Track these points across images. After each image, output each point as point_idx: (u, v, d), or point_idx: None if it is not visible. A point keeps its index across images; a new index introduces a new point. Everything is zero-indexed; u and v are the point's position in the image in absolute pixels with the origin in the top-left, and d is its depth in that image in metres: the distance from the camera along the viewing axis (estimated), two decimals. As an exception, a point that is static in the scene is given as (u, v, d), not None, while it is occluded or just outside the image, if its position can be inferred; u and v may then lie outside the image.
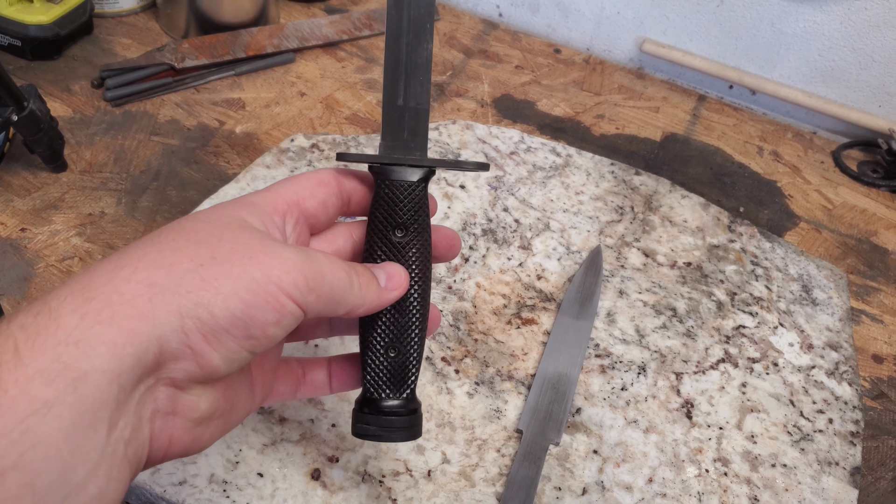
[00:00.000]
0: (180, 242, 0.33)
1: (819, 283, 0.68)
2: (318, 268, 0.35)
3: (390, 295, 0.40)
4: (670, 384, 0.58)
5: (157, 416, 0.33)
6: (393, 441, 0.41)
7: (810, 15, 0.85)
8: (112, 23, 0.88)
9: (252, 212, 0.37)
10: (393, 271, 0.40)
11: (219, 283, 0.32)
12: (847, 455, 0.55)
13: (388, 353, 0.41)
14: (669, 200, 0.74)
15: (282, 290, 0.33)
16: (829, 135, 0.91)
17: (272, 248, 0.34)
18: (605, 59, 0.97)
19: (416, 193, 0.42)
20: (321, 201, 0.41)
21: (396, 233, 0.41)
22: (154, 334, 0.30)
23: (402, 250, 0.41)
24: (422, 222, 0.42)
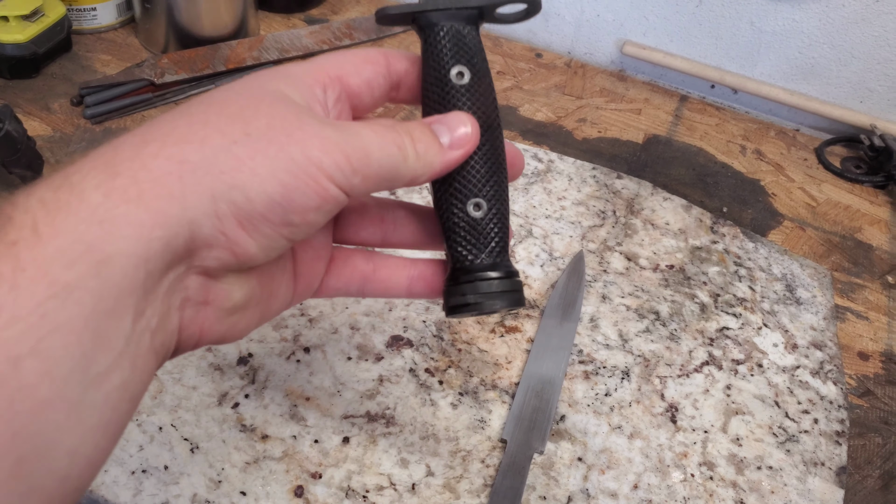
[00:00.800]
0: (211, 115, 0.30)
1: (803, 281, 0.68)
2: (362, 145, 0.32)
3: (457, 154, 0.36)
4: (654, 388, 0.58)
5: (187, 305, 0.31)
6: (495, 310, 0.37)
7: (789, 13, 0.85)
8: (91, 39, 0.88)
9: (291, 83, 0.34)
10: (457, 123, 0.36)
11: (254, 162, 0.29)
12: (833, 455, 0.55)
13: (471, 210, 0.37)
14: (651, 203, 0.74)
15: (323, 171, 0.30)
16: (811, 132, 0.91)
17: (311, 124, 0.31)
18: (586, 62, 0.97)
19: (470, 37, 0.38)
20: (366, 79, 0.37)
21: (456, 76, 0.37)
22: (185, 217, 0.28)
23: (468, 94, 0.37)
24: (481, 65, 0.38)
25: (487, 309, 0.37)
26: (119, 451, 0.49)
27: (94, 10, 0.87)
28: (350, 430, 0.52)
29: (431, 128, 0.35)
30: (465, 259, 0.37)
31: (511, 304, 0.37)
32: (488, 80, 0.38)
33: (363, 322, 0.59)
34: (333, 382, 0.55)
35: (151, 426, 0.51)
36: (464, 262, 0.37)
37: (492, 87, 0.38)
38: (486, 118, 0.37)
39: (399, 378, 0.56)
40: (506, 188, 0.38)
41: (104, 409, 0.27)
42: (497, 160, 0.38)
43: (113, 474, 0.48)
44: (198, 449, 0.50)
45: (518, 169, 0.41)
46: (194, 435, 0.51)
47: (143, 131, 0.30)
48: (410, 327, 0.59)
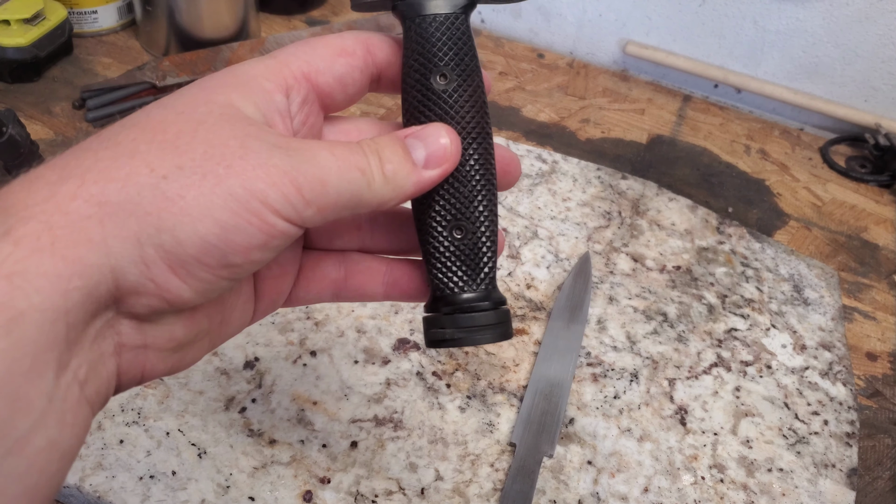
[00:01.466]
0: (141, 144, 0.27)
1: (810, 282, 0.68)
2: (318, 172, 0.28)
3: (432, 174, 0.32)
4: (663, 391, 0.57)
5: (123, 350, 0.28)
6: (477, 343, 0.34)
7: (793, 12, 0.85)
8: (92, 42, 0.87)
9: (245, 92, 0.30)
10: (435, 138, 0.32)
11: (185, 201, 0.26)
12: (843, 457, 0.55)
13: (453, 234, 0.33)
14: (657, 204, 0.73)
15: (268, 206, 0.27)
16: (816, 131, 0.91)
17: (257, 150, 0.28)
18: (588, 62, 0.97)
19: (456, 27, 0.33)
20: (339, 76, 0.33)
21: (438, 79, 0.33)
22: (107, 265, 0.25)
23: (449, 101, 0.33)
24: (469, 62, 0.33)
25: (469, 343, 0.34)
26: (126, 456, 0.49)
27: (94, 13, 0.86)
28: (358, 434, 0.52)
29: (404, 143, 0.31)
30: (445, 288, 0.34)
31: (496, 339, 0.34)
32: (477, 82, 0.34)
33: (369, 325, 0.59)
34: (340, 386, 0.55)
35: (158, 431, 0.50)
36: (444, 292, 0.34)
37: (481, 88, 0.34)
38: (472, 128, 0.33)
39: (406, 382, 0.56)
40: (495, 206, 0.34)
41: (29, 475, 0.24)
42: (485, 175, 0.34)
43: (120, 480, 0.48)
44: (205, 454, 0.50)
45: (513, 177, 0.37)
46: (201, 440, 0.50)
47: (62, 163, 0.27)
48: (417, 330, 0.59)
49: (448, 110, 0.33)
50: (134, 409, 0.51)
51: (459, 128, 0.33)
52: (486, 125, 0.34)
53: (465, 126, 0.33)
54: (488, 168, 0.34)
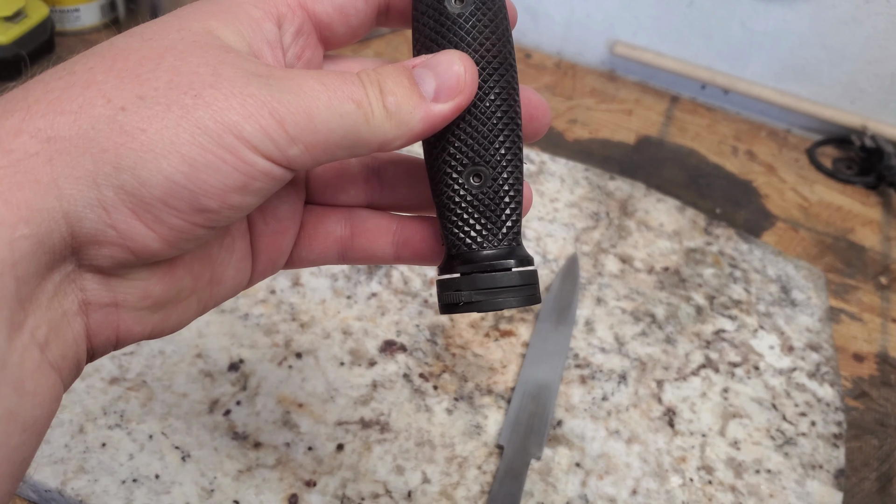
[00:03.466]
0: (98, 73, 0.24)
1: (798, 283, 0.68)
2: (303, 103, 0.24)
3: (444, 108, 0.27)
4: (651, 392, 0.57)
5: (89, 308, 0.25)
6: (499, 308, 0.29)
7: (780, 13, 0.85)
8: (74, 40, 0.86)
9: (228, 19, 0.27)
10: (447, 66, 0.27)
11: (147, 135, 0.23)
12: (830, 457, 0.55)
13: (470, 180, 0.29)
14: (645, 205, 0.73)
15: (244, 141, 0.24)
16: (803, 132, 0.91)
17: (231, 77, 0.24)
18: (576, 62, 0.97)
19: None
20: (339, 5, 0.30)
21: (453, 2, 0.29)
22: (59, 209, 0.22)
23: (467, 25, 0.29)
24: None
25: (490, 308, 0.29)
26: (109, 459, 0.48)
27: (77, 11, 0.85)
28: (344, 436, 0.52)
29: (412, 73, 0.27)
30: (462, 244, 0.30)
31: (521, 303, 0.30)
32: (499, 5, 0.29)
33: (355, 327, 0.58)
34: (326, 388, 0.54)
35: (141, 434, 0.50)
36: (461, 249, 0.30)
37: (504, 13, 0.30)
38: (493, 57, 0.29)
39: (393, 384, 0.55)
40: (520, 149, 0.30)
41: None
42: (508, 113, 0.29)
43: (103, 484, 0.47)
44: (189, 457, 0.49)
45: (541, 123, 0.32)
46: (185, 443, 0.50)
47: (8, 97, 0.24)
48: (403, 332, 0.58)
49: (465, 36, 0.29)
50: (116, 411, 0.51)
51: (478, 57, 0.29)
52: (510, 55, 0.30)
53: (485, 55, 0.29)
54: (511, 105, 0.29)
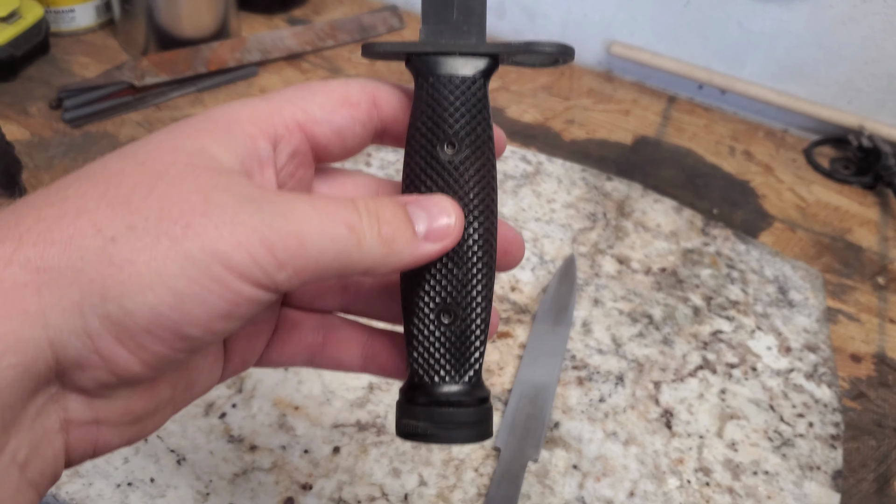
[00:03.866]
0: (90, 200, 0.24)
1: (795, 284, 0.68)
2: (295, 229, 0.25)
3: (433, 248, 0.28)
4: (649, 394, 0.57)
5: (70, 426, 0.25)
6: (453, 442, 0.31)
7: (777, 13, 0.85)
8: (69, 41, 0.86)
9: (223, 137, 0.27)
10: (439, 211, 0.29)
11: (135, 267, 0.23)
12: (828, 459, 0.55)
13: (441, 318, 0.30)
14: (642, 205, 0.73)
15: (232, 270, 0.24)
16: (800, 132, 0.91)
17: (223, 205, 0.24)
18: (573, 62, 0.97)
19: (472, 92, 0.31)
20: (338, 128, 0.30)
21: (446, 148, 0.30)
22: (44, 338, 0.23)
23: (456, 173, 0.30)
24: (482, 133, 0.31)
25: (444, 441, 0.30)
26: (104, 463, 0.48)
27: (72, 12, 0.85)
28: (340, 439, 0.51)
29: (406, 209, 0.28)
30: (425, 375, 0.31)
31: (473, 439, 0.30)
32: (487, 155, 0.31)
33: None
34: (322, 391, 0.54)
35: (136, 438, 0.49)
36: (423, 380, 0.31)
37: (491, 161, 0.31)
38: (476, 205, 0.30)
39: (389, 386, 0.55)
40: (491, 291, 0.31)
41: None
42: (483, 258, 0.30)
43: (98, 487, 0.47)
44: (184, 461, 0.49)
45: (514, 258, 0.34)
46: (181, 446, 0.50)
47: (2, 221, 0.24)
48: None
49: (452, 184, 0.30)
50: (111, 415, 0.50)
51: (462, 204, 0.30)
52: (493, 203, 0.31)
53: (469, 203, 0.30)
54: (488, 250, 0.31)
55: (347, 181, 0.34)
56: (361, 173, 0.34)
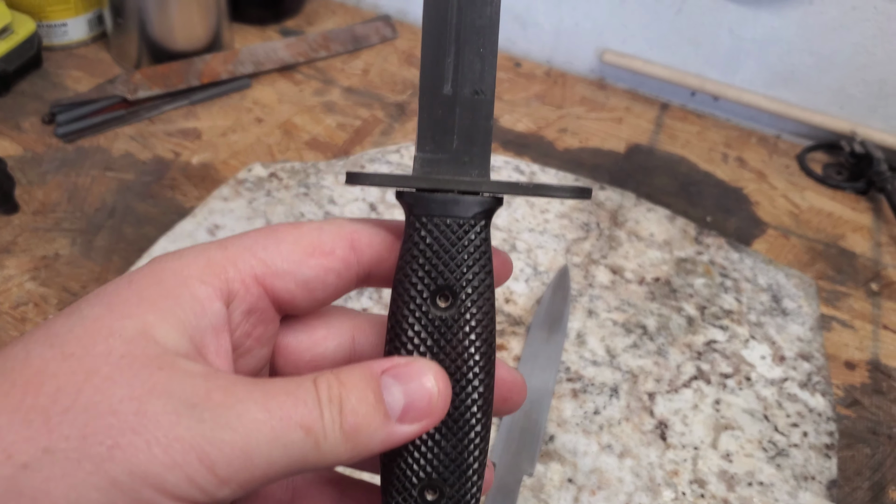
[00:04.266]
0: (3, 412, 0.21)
1: (788, 292, 0.68)
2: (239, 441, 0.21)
3: (408, 430, 0.24)
4: (643, 405, 0.57)
5: None
6: None
7: (768, 20, 0.85)
8: (62, 55, 0.86)
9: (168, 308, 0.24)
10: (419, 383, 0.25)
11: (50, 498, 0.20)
12: (823, 468, 0.55)
13: (425, 496, 0.26)
14: (635, 214, 0.73)
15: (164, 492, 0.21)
16: (792, 138, 0.91)
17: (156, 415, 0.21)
18: (565, 71, 0.97)
19: (471, 237, 0.27)
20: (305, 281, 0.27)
21: (439, 301, 0.26)
22: None
23: (449, 332, 0.26)
24: (480, 283, 0.27)
25: None
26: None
27: (64, 26, 0.85)
28: (335, 456, 0.51)
29: (378, 382, 0.24)
30: None
31: None
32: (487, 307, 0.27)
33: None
34: None
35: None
36: None
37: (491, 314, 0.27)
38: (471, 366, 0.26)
39: None
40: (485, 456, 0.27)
41: None
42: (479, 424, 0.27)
43: None
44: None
45: (515, 404, 0.30)
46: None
47: None
48: (395, 347, 0.58)
49: (444, 344, 0.26)
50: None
51: (454, 367, 0.26)
52: (491, 364, 0.27)
53: (463, 365, 0.26)
54: (484, 415, 0.27)
55: (319, 327, 0.30)
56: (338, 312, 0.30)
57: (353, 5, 1.03)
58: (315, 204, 0.68)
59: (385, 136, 0.81)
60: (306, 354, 0.30)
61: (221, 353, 0.25)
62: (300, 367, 0.29)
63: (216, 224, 0.65)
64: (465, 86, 0.28)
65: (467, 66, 0.28)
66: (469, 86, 0.28)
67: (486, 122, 0.28)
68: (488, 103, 0.28)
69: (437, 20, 0.27)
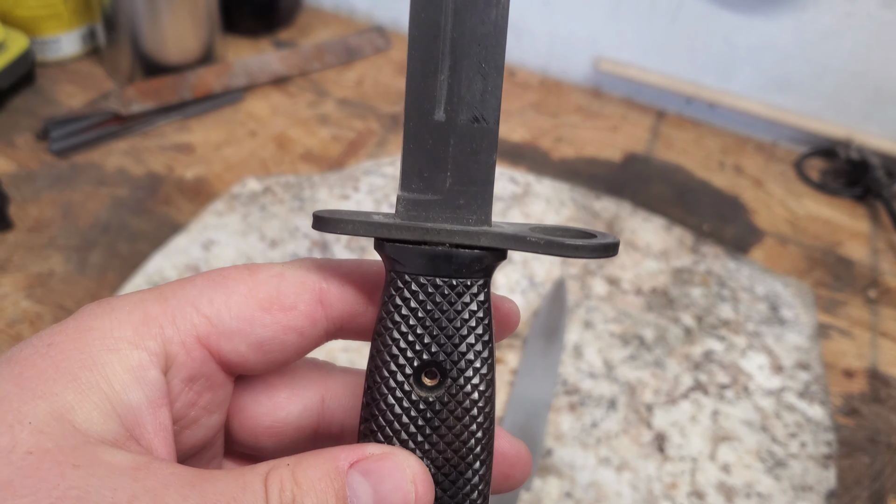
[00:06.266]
0: None
1: (786, 301, 0.68)
2: None
3: None
4: (641, 417, 0.57)
5: None
6: None
7: (762, 27, 0.85)
8: (55, 70, 0.86)
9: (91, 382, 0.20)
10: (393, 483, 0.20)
11: None
12: (821, 479, 0.54)
13: None
14: (631, 224, 0.73)
15: None
16: (789, 145, 0.91)
17: None
18: (560, 79, 0.97)
19: (468, 301, 0.22)
20: (259, 342, 0.22)
21: (425, 379, 0.22)
22: None
23: (436, 417, 0.22)
24: (476, 358, 0.22)
25: None
26: None
27: (57, 41, 0.85)
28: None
29: (345, 482, 0.20)
30: None
31: None
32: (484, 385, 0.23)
33: (341, 359, 0.58)
34: (313, 424, 0.53)
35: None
36: None
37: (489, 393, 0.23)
38: (464, 455, 0.22)
39: (380, 416, 0.54)
40: None
41: None
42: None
43: None
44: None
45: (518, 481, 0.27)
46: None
47: None
48: (390, 362, 0.58)
49: (430, 432, 0.22)
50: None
51: (443, 459, 0.22)
52: (488, 447, 0.23)
53: (452, 456, 0.22)
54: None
55: (281, 387, 0.25)
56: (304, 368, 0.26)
57: (346, 16, 1.03)
58: (309, 217, 0.68)
59: (380, 148, 0.80)
60: (265, 419, 0.25)
61: (160, 431, 0.21)
62: (258, 435, 0.25)
63: (210, 239, 0.65)
64: (462, 110, 0.22)
65: (465, 85, 0.22)
66: (467, 110, 0.22)
67: (488, 157, 0.23)
68: (491, 133, 0.23)
69: (426, 26, 0.22)
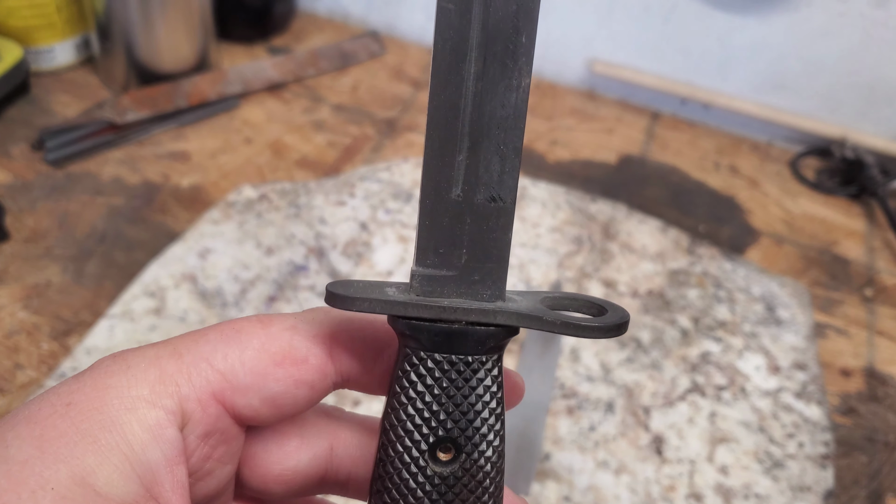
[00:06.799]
0: None
1: (782, 301, 0.68)
2: None
3: None
4: (638, 420, 0.57)
5: None
6: None
7: (756, 28, 0.85)
8: (50, 80, 0.86)
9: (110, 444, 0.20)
10: None
11: None
12: (819, 479, 0.55)
13: None
14: (627, 227, 0.73)
15: None
16: (784, 144, 0.91)
17: None
18: (555, 82, 0.97)
19: (483, 376, 0.23)
20: (272, 397, 0.23)
21: (440, 455, 0.22)
22: None
23: (450, 492, 0.22)
24: (490, 431, 0.23)
25: None
26: None
27: (51, 51, 0.85)
28: (330, 480, 0.51)
29: None
30: None
31: None
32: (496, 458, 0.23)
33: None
34: (311, 431, 0.54)
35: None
36: None
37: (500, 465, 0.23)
38: None
39: (378, 423, 0.55)
40: None
41: None
42: None
43: None
44: None
45: None
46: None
47: None
48: (388, 368, 0.58)
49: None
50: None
51: None
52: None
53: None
54: None
55: (291, 436, 0.26)
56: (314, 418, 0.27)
57: (340, 22, 1.03)
58: (306, 224, 0.68)
59: (375, 153, 0.80)
60: (275, 468, 0.26)
61: (177, 489, 0.21)
62: (268, 482, 0.26)
63: (207, 247, 0.65)
64: (480, 190, 0.23)
65: (483, 166, 0.23)
66: (484, 190, 0.23)
67: (504, 234, 0.23)
68: (508, 213, 0.23)
69: (446, 108, 0.23)
